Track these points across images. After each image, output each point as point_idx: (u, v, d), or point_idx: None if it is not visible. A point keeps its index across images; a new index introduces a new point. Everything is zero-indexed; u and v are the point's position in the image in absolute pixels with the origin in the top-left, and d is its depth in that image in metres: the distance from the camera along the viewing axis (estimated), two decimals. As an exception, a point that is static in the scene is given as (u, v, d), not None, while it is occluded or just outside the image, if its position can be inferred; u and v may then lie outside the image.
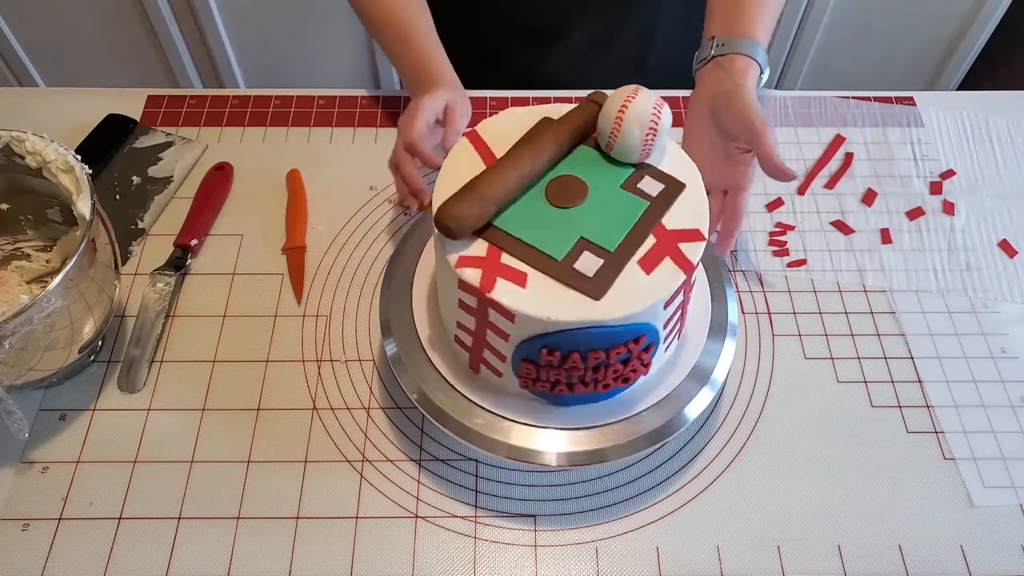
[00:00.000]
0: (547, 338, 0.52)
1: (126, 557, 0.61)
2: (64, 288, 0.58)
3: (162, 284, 0.75)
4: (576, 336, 0.51)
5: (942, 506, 0.63)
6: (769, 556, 0.61)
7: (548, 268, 0.52)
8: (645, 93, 0.56)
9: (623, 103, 0.55)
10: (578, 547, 0.61)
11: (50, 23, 1.62)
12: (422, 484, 0.64)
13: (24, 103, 0.94)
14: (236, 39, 1.64)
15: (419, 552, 0.61)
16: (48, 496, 0.63)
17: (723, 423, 0.68)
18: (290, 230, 0.80)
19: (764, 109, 0.71)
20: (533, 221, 0.54)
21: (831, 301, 0.76)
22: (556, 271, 0.52)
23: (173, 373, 0.71)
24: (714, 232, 0.74)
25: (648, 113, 0.55)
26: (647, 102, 0.55)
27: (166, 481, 0.64)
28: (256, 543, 0.61)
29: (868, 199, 0.84)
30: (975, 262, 0.79)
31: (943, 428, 0.68)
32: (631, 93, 0.56)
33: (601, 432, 0.59)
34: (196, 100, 0.92)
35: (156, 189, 0.83)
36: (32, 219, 0.73)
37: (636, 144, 0.56)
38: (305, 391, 0.69)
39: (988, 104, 0.93)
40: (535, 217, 0.54)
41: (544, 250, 0.53)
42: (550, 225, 0.54)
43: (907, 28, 1.63)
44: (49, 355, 0.62)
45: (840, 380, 0.71)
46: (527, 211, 0.55)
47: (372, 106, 0.92)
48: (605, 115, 0.56)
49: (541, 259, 0.53)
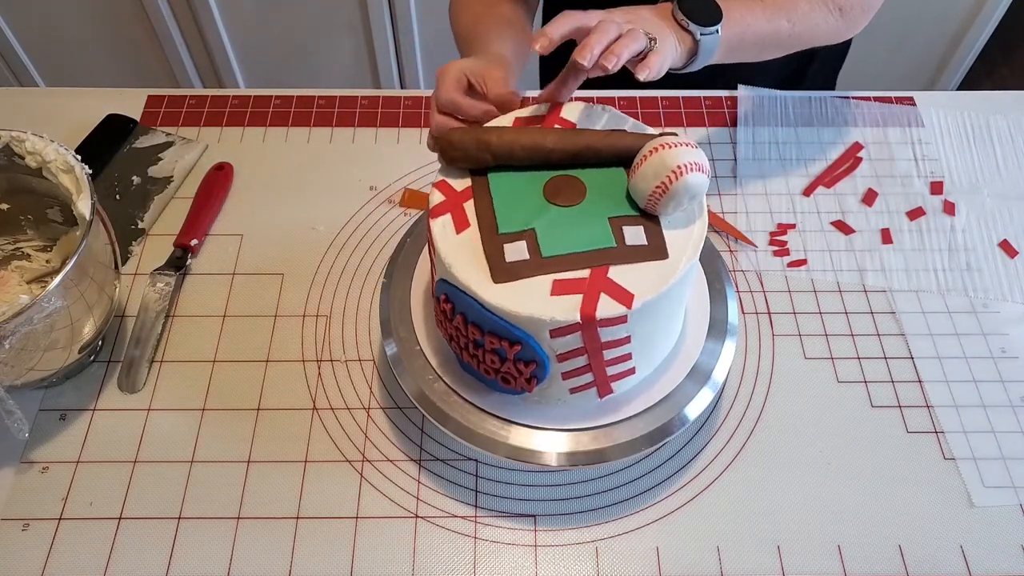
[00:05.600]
0: (447, 286, 0.54)
1: (126, 557, 0.61)
2: (64, 288, 0.58)
3: (162, 284, 0.75)
4: (464, 300, 0.52)
5: (942, 506, 0.63)
6: (769, 556, 0.61)
7: (486, 233, 0.54)
8: (682, 150, 0.52)
9: (656, 146, 0.52)
10: (578, 547, 0.61)
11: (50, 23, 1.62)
12: (422, 484, 0.64)
13: (24, 103, 0.94)
14: (236, 39, 1.64)
15: (419, 552, 0.61)
16: (48, 496, 0.63)
17: (723, 423, 0.68)
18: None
19: None
20: (515, 193, 0.55)
21: (831, 301, 0.76)
22: (489, 239, 0.53)
23: (173, 373, 0.71)
24: None
25: (668, 168, 0.51)
26: (675, 158, 0.51)
27: (166, 481, 0.64)
28: (256, 543, 0.61)
29: (868, 199, 0.84)
30: (975, 262, 0.79)
31: (943, 428, 0.68)
32: (671, 143, 0.52)
33: (601, 432, 0.59)
34: (196, 100, 0.92)
35: (156, 189, 0.83)
36: (32, 219, 0.73)
37: (645, 190, 0.53)
38: (305, 391, 0.69)
39: (988, 104, 0.93)
40: (520, 192, 0.56)
41: (497, 218, 0.54)
42: (523, 205, 0.55)
43: (907, 28, 1.63)
44: (49, 355, 0.62)
45: (840, 380, 0.71)
46: (519, 183, 0.56)
47: (372, 106, 0.92)
48: (642, 149, 0.53)
49: (489, 223, 0.54)
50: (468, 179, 0.57)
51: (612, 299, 0.51)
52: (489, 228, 0.54)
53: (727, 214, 0.82)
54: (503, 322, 0.51)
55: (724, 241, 0.80)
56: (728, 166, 0.87)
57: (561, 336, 0.52)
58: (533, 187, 0.56)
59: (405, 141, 0.89)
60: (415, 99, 0.93)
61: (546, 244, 0.53)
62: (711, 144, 0.89)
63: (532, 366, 0.54)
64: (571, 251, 0.53)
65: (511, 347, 0.53)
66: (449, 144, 0.56)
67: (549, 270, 0.52)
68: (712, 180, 0.85)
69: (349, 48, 1.66)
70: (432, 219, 0.55)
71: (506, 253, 0.52)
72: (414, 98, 0.93)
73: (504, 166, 0.56)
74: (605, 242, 0.53)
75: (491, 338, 0.53)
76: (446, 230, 0.54)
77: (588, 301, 0.51)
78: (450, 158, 0.56)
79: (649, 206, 0.54)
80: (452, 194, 0.56)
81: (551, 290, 0.51)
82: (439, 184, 0.56)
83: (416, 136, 0.89)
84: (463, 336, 0.55)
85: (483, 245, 0.53)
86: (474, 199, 0.56)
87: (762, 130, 0.90)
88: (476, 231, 0.54)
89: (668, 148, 0.52)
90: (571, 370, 0.55)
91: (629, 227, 0.54)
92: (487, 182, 0.56)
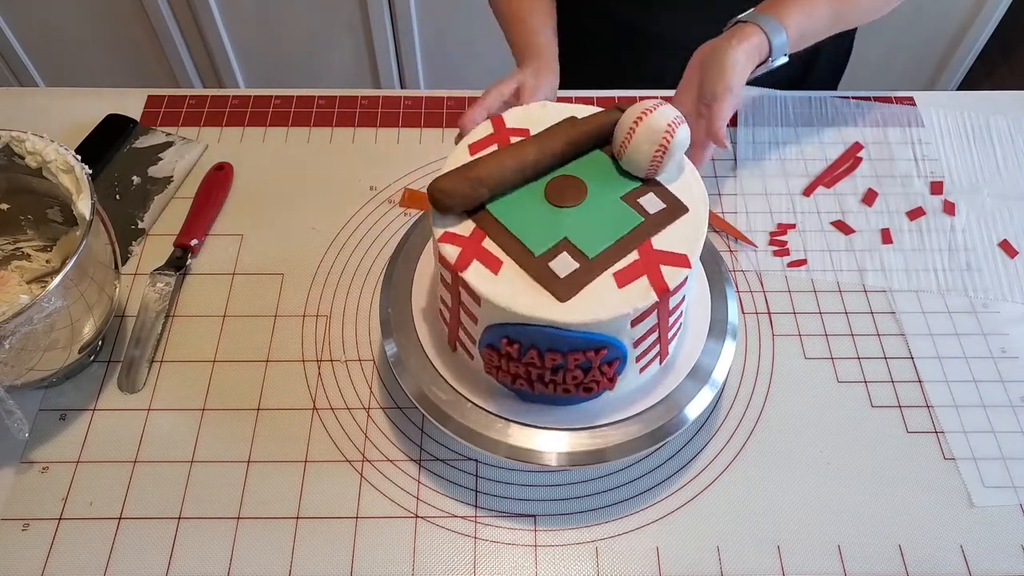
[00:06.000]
0: (507, 328, 0.52)
1: (126, 557, 0.61)
2: (64, 288, 0.58)
3: (162, 284, 0.75)
4: (534, 333, 0.51)
5: (942, 506, 0.63)
6: (769, 556, 0.61)
7: (524, 261, 0.52)
8: (664, 109, 0.55)
9: (638, 116, 0.54)
10: (578, 547, 0.61)
11: (50, 23, 1.62)
12: (422, 484, 0.64)
13: (24, 103, 0.94)
14: (236, 39, 1.64)
15: (419, 552, 0.61)
16: (48, 496, 0.63)
17: (723, 423, 0.68)
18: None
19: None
20: (524, 213, 0.54)
21: (831, 301, 0.76)
22: (530, 265, 0.52)
23: (173, 373, 0.71)
24: None
25: (661, 130, 0.54)
26: (662, 118, 0.54)
27: (166, 481, 0.64)
28: (256, 543, 0.61)
29: (868, 199, 0.84)
30: (975, 262, 0.79)
31: (943, 428, 0.68)
32: (649, 107, 0.55)
33: (601, 432, 0.59)
34: (196, 100, 0.92)
35: (156, 189, 0.83)
36: (32, 219, 0.73)
37: (644, 159, 0.55)
38: (305, 391, 0.69)
39: (988, 104, 0.93)
40: (527, 210, 0.55)
41: (525, 242, 0.53)
42: (539, 220, 0.54)
43: (907, 28, 1.63)
44: (49, 355, 0.62)
45: (840, 380, 0.71)
46: (522, 203, 0.55)
47: (372, 106, 0.92)
48: (621, 124, 0.56)
49: (520, 251, 0.53)
50: (468, 221, 0.54)
51: (671, 266, 0.53)
52: (524, 256, 0.53)
53: (727, 214, 0.82)
54: (586, 335, 0.51)
55: (724, 241, 0.80)
56: (728, 166, 0.87)
57: (640, 321, 0.53)
58: (535, 201, 0.55)
59: (405, 141, 0.89)
60: (415, 99, 0.93)
61: (586, 246, 0.53)
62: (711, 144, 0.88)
63: (616, 363, 0.54)
64: (611, 242, 0.53)
65: (597, 354, 0.53)
66: (442, 193, 0.53)
67: (603, 267, 0.52)
68: (712, 180, 0.85)
69: (349, 48, 1.66)
70: (461, 272, 0.52)
71: (556, 271, 0.52)
72: (414, 98, 0.93)
73: (496, 195, 0.55)
74: (633, 220, 0.55)
75: (574, 356, 0.52)
76: (482, 275, 0.52)
77: (654, 278, 0.52)
78: (446, 207, 0.53)
79: (651, 171, 0.56)
80: (464, 241, 0.53)
81: (616, 284, 0.52)
82: (444, 237, 0.53)
83: (416, 136, 0.89)
84: (537, 368, 0.54)
85: (529, 273, 0.52)
86: (489, 236, 0.54)
87: (762, 130, 0.90)
88: (513, 264, 0.52)
89: (650, 113, 0.54)
90: (643, 350, 0.56)
91: (643, 198, 0.56)
92: (491, 215, 0.54)
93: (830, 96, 0.93)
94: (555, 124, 0.58)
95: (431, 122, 0.90)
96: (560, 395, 0.57)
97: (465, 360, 0.60)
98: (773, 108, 0.92)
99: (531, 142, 0.56)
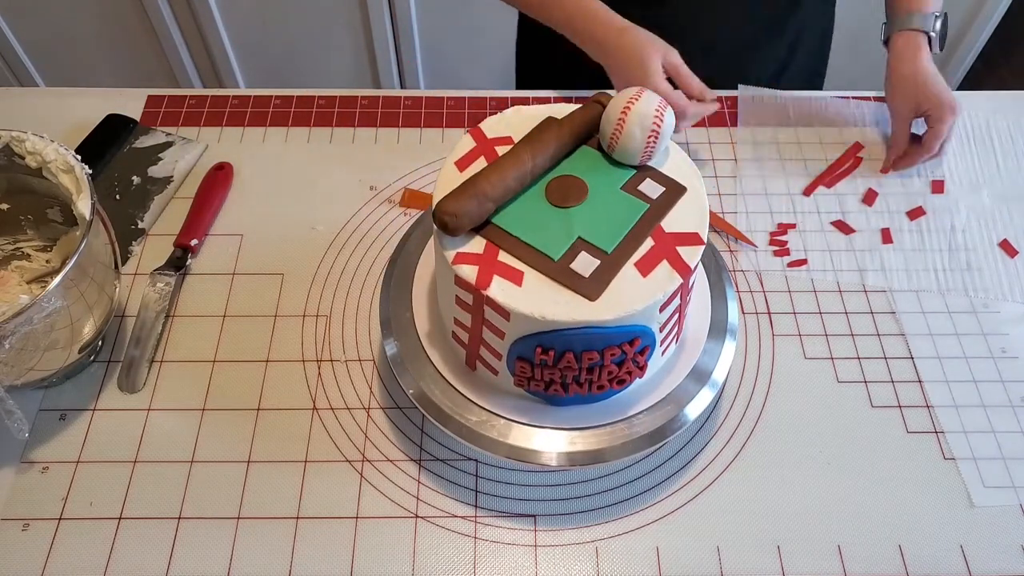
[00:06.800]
0: (541, 337, 0.52)
1: (126, 557, 0.61)
2: (64, 288, 0.58)
3: (162, 284, 0.75)
4: (570, 336, 0.51)
5: (942, 506, 0.63)
6: (769, 556, 0.61)
7: (545, 267, 0.52)
8: (648, 95, 0.56)
9: (626, 105, 0.55)
10: (578, 547, 0.61)
11: (50, 23, 1.62)
12: (422, 484, 0.64)
13: (24, 103, 0.94)
14: (236, 39, 1.64)
15: (419, 552, 0.61)
16: (48, 496, 0.63)
17: (723, 423, 0.68)
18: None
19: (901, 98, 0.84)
20: (532, 220, 0.54)
21: (831, 301, 0.76)
22: (552, 271, 0.52)
23: (173, 373, 0.71)
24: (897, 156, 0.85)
25: (651, 116, 0.55)
26: (650, 104, 0.55)
27: (166, 481, 0.64)
28: (256, 543, 0.61)
29: (869, 199, 0.84)
30: (975, 262, 0.79)
31: (943, 428, 0.68)
32: (635, 95, 0.56)
33: (601, 432, 0.59)
34: (196, 100, 0.92)
35: (156, 189, 0.83)
36: (32, 219, 0.73)
37: (638, 146, 0.56)
38: (305, 391, 0.69)
39: (988, 104, 0.93)
40: (534, 216, 0.55)
41: (541, 249, 0.53)
42: (549, 224, 0.54)
43: (907, 28, 1.62)
44: (49, 355, 0.62)
45: (840, 380, 0.71)
46: (526, 210, 0.55)
47: (372, 106, 0.92)
48: (608, 116, 0.56)
49: (538, 258, 0.53)
50: (477, 237, 0.54)
51: (687, 246, 0.54)
52: (543, 262, 0.53)
53: (727, 214, 0.82)
54: (621, 329, 0.51)
55: (724, 241, 0.80)
56: (728, 166, 0.87)
57: (667, 305, 0.53)
58: (539, 206, 0.55)
59: (405, 141, 0.89)
60: (415, 99, 0.93)
61: (602, 241, 0.53)
62: (711, 144, 0.89)
63: (647, 350, 0.55)
64: (624, 233, 0.54)
65: (631, 345, 0.53)
66: (451, 216, 0.52)
67: (624, 259, 0.53)
68: (712, 180, 0.85)
69: (349, 48, 1.66)
70: (485, 290, 0.51)
71: (579, 271, 0.52)
72: (414, 98, 0.93)
73: (497, 208, 0.54)
74: (639, 208, 0.55)
75: (610, 351, 0.53)
76: (506, 290, 0.52)
77: (674, 261, 0.53)
78: (456, 228, 0.52)
79: (645, 158, 0.57)
80: (479, 258, 0.53)
81: (640, 273, 0.52)
82: (459, 259, 0.53)
83: (416, 136, 0.89)
84: (573, 370, 0.54)
85: (553, 279, 0.52)
86: (504, 249, 0.53)
87: (762, 130, 0.90)
88: (534, 273, 0.52)
89: (637, 101, 0.55)
90: (666, 333, 0.57)
91: (642, 185, 0.57)
92: (499, 228, 0.54)
93: (830, 96, 0.93)
94: (537, 127, 0.58)
95: (431, 122, 0.90)
96: (595, 393, 0.57)
97: (486, 376, 0.60)
98: (773, 108, 0.92)
99: (524, 148, 0.56)
